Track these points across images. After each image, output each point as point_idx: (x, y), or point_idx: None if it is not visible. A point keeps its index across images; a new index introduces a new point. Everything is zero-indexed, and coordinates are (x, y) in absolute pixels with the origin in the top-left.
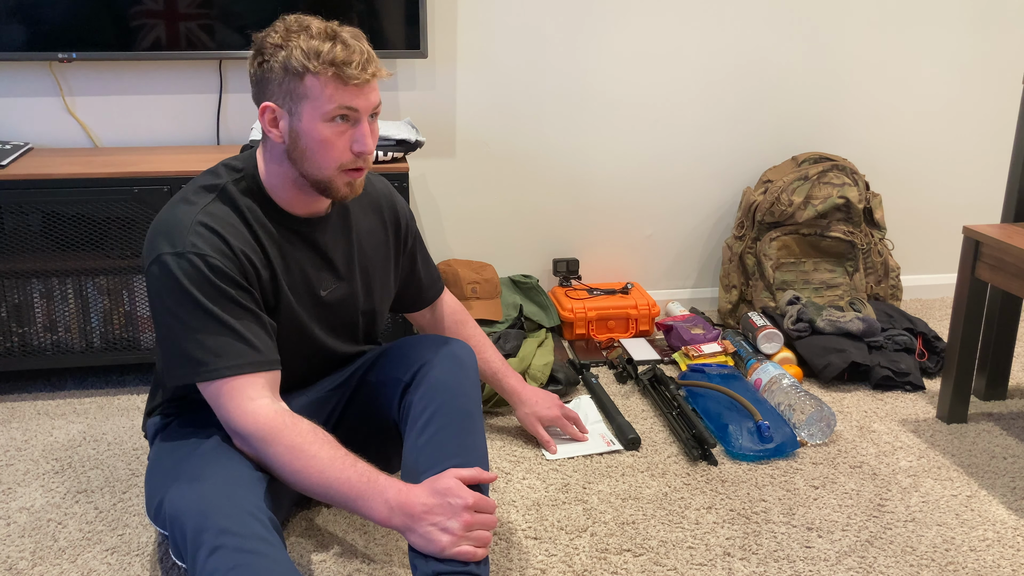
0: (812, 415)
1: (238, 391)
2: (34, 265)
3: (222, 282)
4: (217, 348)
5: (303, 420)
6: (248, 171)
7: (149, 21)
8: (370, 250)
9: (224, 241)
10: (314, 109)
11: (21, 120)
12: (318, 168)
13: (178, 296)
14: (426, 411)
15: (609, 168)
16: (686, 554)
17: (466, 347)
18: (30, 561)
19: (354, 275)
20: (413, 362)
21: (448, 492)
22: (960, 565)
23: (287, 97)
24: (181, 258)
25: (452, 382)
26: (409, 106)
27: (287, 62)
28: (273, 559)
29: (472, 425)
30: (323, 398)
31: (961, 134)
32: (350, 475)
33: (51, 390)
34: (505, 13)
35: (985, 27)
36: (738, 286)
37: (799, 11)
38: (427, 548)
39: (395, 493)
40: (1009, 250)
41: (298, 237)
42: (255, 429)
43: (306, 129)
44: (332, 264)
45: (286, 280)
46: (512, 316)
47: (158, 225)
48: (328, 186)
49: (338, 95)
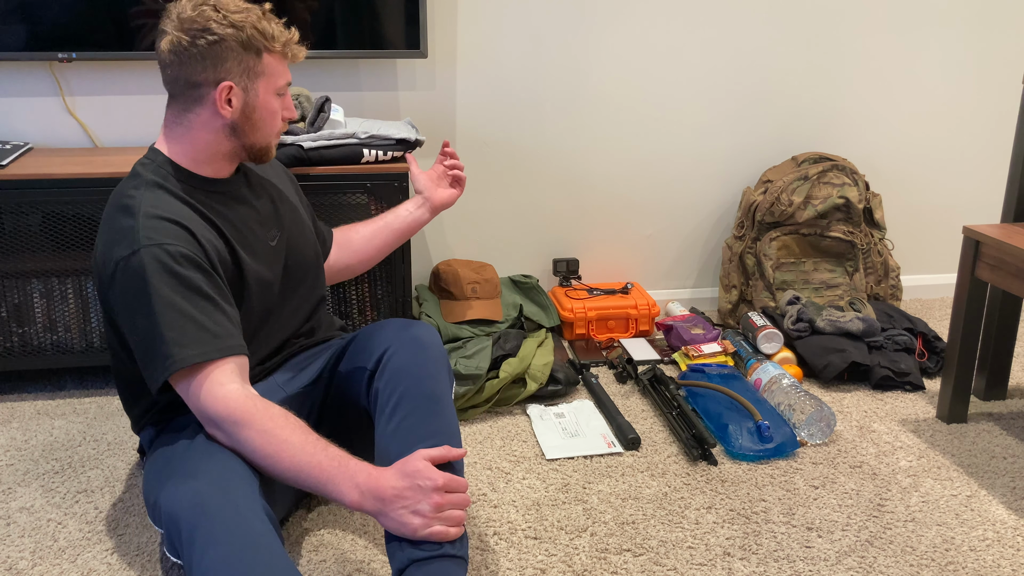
0: (812, 415)
1: (207, 377)
2: (34, 265)
3: (184, 267)
4: (181, 338)
5: (274, 405)
6: (158, 159)
7: (149, 21)
8: (285, 200)
9: (177, 224)
10: (268, 84)
11: (21, 120)
12: (264, 137)
13: (139, 295)
14: (392, 397)
15: (609, 168)
16: (686, 554)
17: (429, 329)
18: (30, 561)
19: (284, 222)
20: (375, 348)
21: (417, 474)
22: (960, 565)
23: (245, 75)
24: (138, 254)
25: (415, 366)
26: (409, 106)
27: (248, 40)
28: (270, 554)
29: (439, 407)
30: (300, 395)
31: (961, 134)
32: (321, 459)
33: (51, 390)
34: (505, 13)
35: (985, 27)
36: (738, 286)
37: (799, 11)
38: (400, 531)
39: (365, 477)
40: (1009, 250)
41: (227, 197)
42: (227, 413)
43: (262, 103)
44: (264, 215)
45: (238, 242)
46: (512, 316)
47: (105, 241)
48: (267, 151)
49: (284, 71)
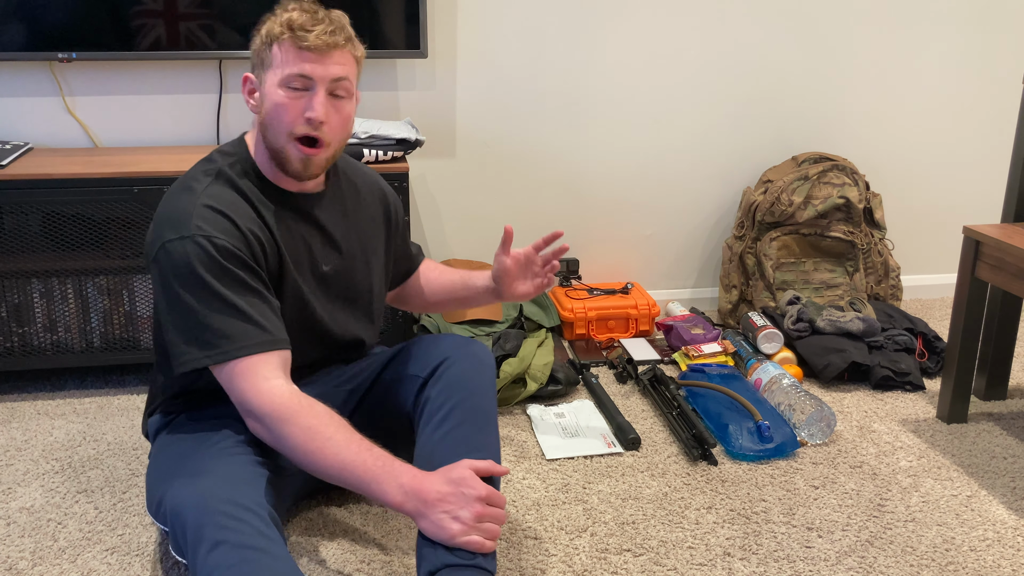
0: (812, 415)
1: (252, 371)
2: (34, 265)
3: (229, 263)
4: (228, 330)
5: (318, 403)
6: (240, 153)
7: (149, 21)
8: (366, 229)
9: (230, 220)
10: (273, 75)
11: (21, 120)
12: (274, 136)
13: (185, 280)
14: (444, 406)
15: (609, 168)
16: (686, 554)
17: (486, 349)
18: (30, 561)
19: (354, 251)
20: (433, 358)
21: (462, 482)
22: (960, 565)
23: (259, 66)
24: (187, 241)
25: (471, 380)
26: (409, 106)
27: (266, 34)
28: (273, 555)
29: (488, 425)
30: (331, 393)
31: (961, 134)
32: (366, 458)
33: (51, 390)
34: (505, 13)
35: (985, 27)
36: (738, 286)
37: (799, 11)
38: (437, 535)
39: (410, 479)
40: (1009, 250)
41: (297, 213)
42: (271, 408)
43: (267, 94)
44: (332, 239)
45: (290, 255)
46: (512, 316)
47: (160, 216)
48: (284, 158)
49: (294, 60)
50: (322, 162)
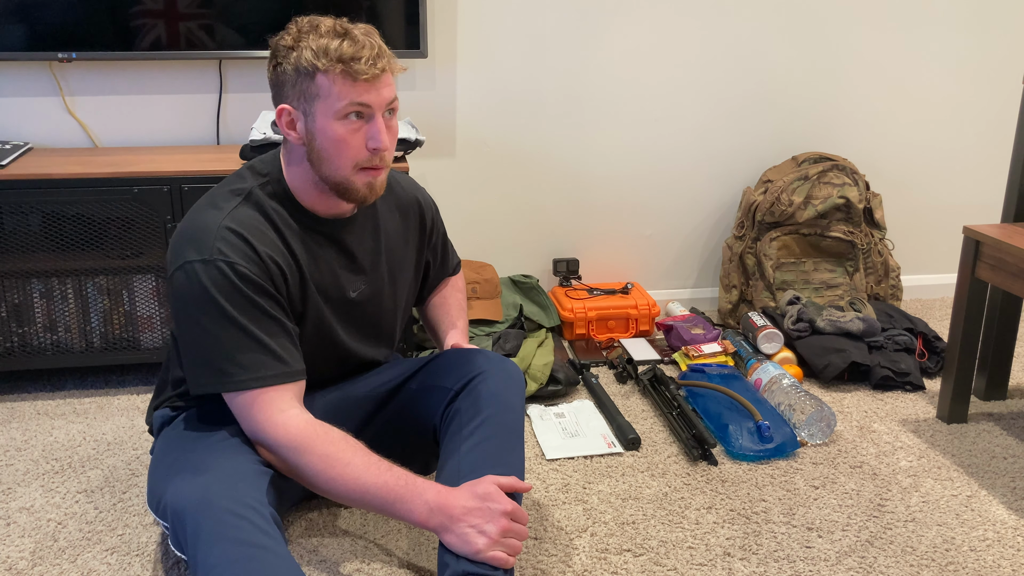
0: (812, 415)
1: (267, 403)
2: (34, 265)
3: (250, 290)
4: (244, 360)
5: (333, 429)
6: (274, 174)
7: (149, 21)
8: (397, 249)
9: (251, 247)
10: (327, 108)
11: (21, 120)
12: (335, 169)
13: (204, 305)
14: (475, 419)
15: (609, 168)
16: (686, 554)
17: (517, 367)
18: (30, 561)
19: (381, 275)
20: (466, 372)
21: (488, 497)
22: (960, 565)
23: (301, 98)
24: (208, 265)
25: (503, 396)
26: (409, 106)
27: (298, 63)
28: (274, 553)
29: (516, 442)
30: (351, 401)
31: (961, 134)
32: (387, 479)
33: (51, 390)
34: (505, 13)
35: (985, 27)
36: (738, 286)
37: (799, 11)
38: (462, 549)
39: (434, 495)
40: (1009, 250)
41: (325, 239)
42: (287, 440)
43: (320, 128)
44: (360, 265)
45: (315, 282)
46: (512, 316)
47: (184, 231)
48: (347, 187)
49: (349, 92)
50: (384, 180)
